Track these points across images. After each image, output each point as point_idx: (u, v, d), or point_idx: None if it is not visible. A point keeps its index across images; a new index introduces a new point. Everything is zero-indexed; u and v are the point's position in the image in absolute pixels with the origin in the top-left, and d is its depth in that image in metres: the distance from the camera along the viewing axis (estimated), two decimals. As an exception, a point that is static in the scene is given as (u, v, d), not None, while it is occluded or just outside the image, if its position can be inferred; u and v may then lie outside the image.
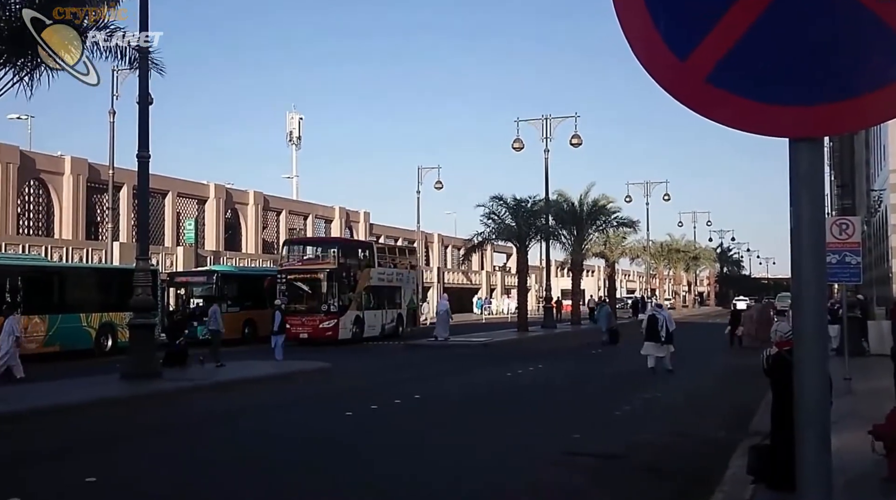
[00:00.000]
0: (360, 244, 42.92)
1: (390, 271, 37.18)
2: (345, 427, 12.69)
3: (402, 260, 39.60)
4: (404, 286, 38.05)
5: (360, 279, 33.78)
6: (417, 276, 41.03)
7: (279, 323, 22.90)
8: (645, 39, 2.29)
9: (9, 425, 12.50)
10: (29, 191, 38.02)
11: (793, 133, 2.24)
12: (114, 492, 8.53)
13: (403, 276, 38.37)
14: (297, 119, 68.83)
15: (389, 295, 36.41)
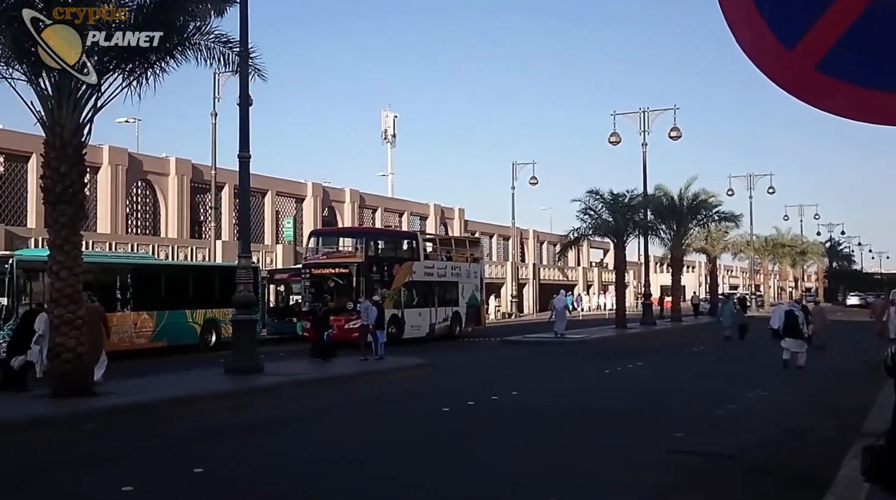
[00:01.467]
0: (400, 235, 39.47)
1: (442, 265, 33.73)
2: (443, 423, 12.71)
3: (460, 252, 36.09)
4: (463, 281, 34.37)
5: (397, 274, 30.54)
6: (481, 270, 37.29)
7: (377, 318, 23.12)
8: (749, 28, 2.18)
9: (117, 418, 13.01)
10: (137, 192, 39.55)
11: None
12: (220, 483, 8.75)
13: (462, 270, 34.63)
14: (391, 117, 69.53)
15: (442, 291, 32.86)
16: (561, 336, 31.91)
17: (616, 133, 41.14)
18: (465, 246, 37.50)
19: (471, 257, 36.07)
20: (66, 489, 8.55)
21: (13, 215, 33.12)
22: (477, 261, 36.66)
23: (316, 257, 30.25)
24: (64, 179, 14.65)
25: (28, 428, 11.77)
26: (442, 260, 33.97)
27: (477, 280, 35.57)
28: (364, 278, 28.44)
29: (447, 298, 33.10)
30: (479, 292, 35.73)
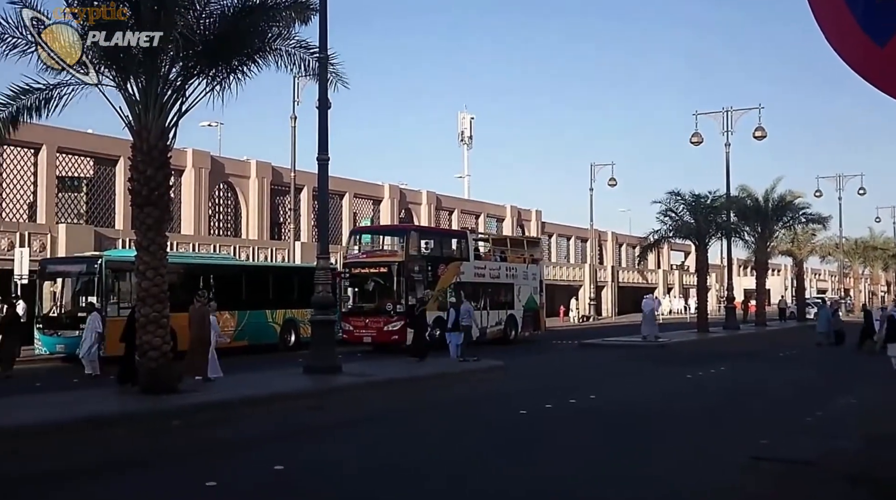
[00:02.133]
0: (446, 233, 37.39)
1: (495, 266, 32.12)
2: (520, 426, 12.61)
3: (516, 253, 34.27)
4: (519, 283, 32.79)
5: (443, 274, 28.98)
6: (540, 271, 35.34)
7: (453, 320, 23.16)
8: (840, 27, 2.07)
9: (201, 414, 13.29)
10: (219, 194, 40.46)
11: None
12: (300, 481, 8.82)
13: (518, 271, 33.03)
14: (468, 119, 69.64)
15: (495, 293, 31.17)
16: (652, 339, 31.32)
17: (698, 133, 40.41)
18: (523, 246, 35.74)
19: (529, 258, 34.49)
20: (154, 483, 8.74)
21: (102, 217, 34.26)
22: (536, 262, 35.11)
23: (356, 256, 29.15)
24: (150, 182, 15.05)
25: (118, 423, 12.11)
26: (495, 260, 32.62)
27: (536, 282, 34.10)
28: (405, 279, 27.02)
29: (501, 300, 31.54)
30: (538, 294, 34.13)
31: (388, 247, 30.44)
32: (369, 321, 26.79)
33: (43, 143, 30.95)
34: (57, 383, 17.52)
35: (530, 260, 34.35)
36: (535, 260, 34.86)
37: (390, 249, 29.99)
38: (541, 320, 34.54)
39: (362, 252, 29.43)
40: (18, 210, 31.68)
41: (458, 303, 25.03)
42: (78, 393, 15.33)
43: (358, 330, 27.06)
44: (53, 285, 24.38)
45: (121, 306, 22.82)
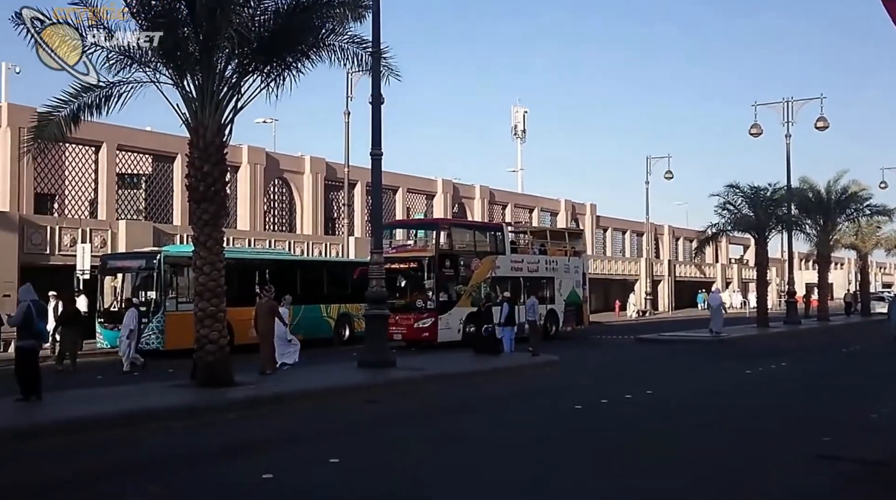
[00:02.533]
0: (480, 227, 35.62)
1: (534, 259, 31.02)
2: (575, 421, 12.46)
3: (557, 245, 33.19)
4: (560, 277, 31.68)
5: (477, 269, 28.06)
6: (583, 264, 34.19)
7: (507, 315, 23.10)
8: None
9: (257, 407, 13.42)
10: (274, 190, 40.87)
11: None
12: (355, 474, 8.82)
13: (559, 264, 31.93)
14: (521, 113, 69.19)
15: (533, 288, 29.63)
16: (716, 334, 30.81)
17: (757, 125, 39.56)
18: (564, 238, 34.54)
19: (571, 251, 33.43)
20: (212, 474, 8.83)
21: (160, 213, 34.87)
22: (578, 254, 33.94)
23: (386, 251, 27.55)
24: (207, 178, 15.23)
25: (176, 416, 12.29)
26: (534, 253, 31.60)
27: (578, 275, 32.95)
28: (435, 274, 26.30)
29: (540, 294, 29.75)
30: (580, 288, 32.99)
31: (418, 242, 29.69)
32: (399, 318, 25.61)
33: (103, 140, 31.61)
34: (117, 377, 17.84)
35: (572, 253, 33.35)
36: (577, 253, 33.84)
37: (421, 243, 29.26)
38: (584, 315, 33.40)
39: (392, 247, 28.53)
40: (80, 207, 32.41)
41: (513, 298, 24.98)
42: (137, 386, 15.62)
43: (388, 327, 26.39)
44: (114, 280, 24.90)
45: (179, 301, 23.17)
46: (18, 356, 13.29)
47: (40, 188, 31.04)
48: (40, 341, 13.54)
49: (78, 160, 32.33)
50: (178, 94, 15.49)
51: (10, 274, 25.57)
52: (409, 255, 27.66)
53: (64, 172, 32.15)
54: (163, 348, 22.93)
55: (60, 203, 32.04)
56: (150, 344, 23.19)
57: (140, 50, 15.42)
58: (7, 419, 11.69)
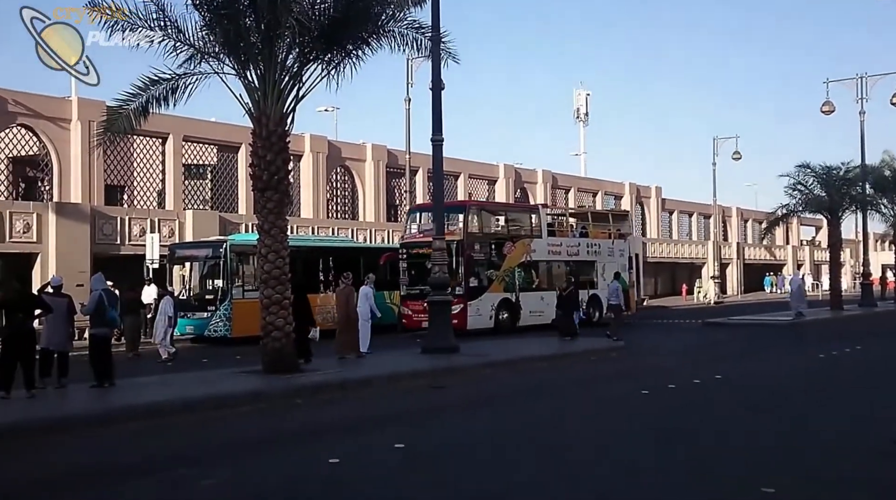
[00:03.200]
0: (513, 208, 34.13)
1: (574, 242, 29.71)
2: (642, 406, 12.28)
3: (600, 227, 31.65)
4: (603, 261, 30.27)
5: (510, 253, 26.96)
6: (630, 247, 32.57)
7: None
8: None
9: (323, 394, 13.55)
10: (336, 177, 41.18)
11: None
12: (421, 459, 8.83)
13: (602, 247, 30.53)
14: (584, 95, 68.45)
15: (573, 272, 28.12)
16: (797, 315, 30.48)
17: (829, 102, 38.45)
18: (608, 220, 32.74)
19: (615, 233, 31.83)
20: (280, 459, 8.91)
21: (226, 203, 35.44)
22: (624, 237, 32.29)
23: (413, 236, 27.18)
24: (270, 167, 15.38)
25: (244, 402, 12.47)
26: (574, 236, 30.42)
27: (624, 259, 31.40)
28: (464, 259, 25.28)
29: (581, 280, 28.34)
30: (626, 272, 31.08)
31: (448, 225, 28.83)
32: (427, 305, 25.65)
33: (170, 132, 32.21)
34: (186, 364, 18.20)
35: (617, 235, 31.86)
36: (622, 235, 32.32)
37: (449, 227, 27.53)
38: (630, 300, 31.40)
39: (420, 231, 27.14)
40: (149, 197, 33.13)
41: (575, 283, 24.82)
42: (206, 373, 15.88)
43: (416, 315, 25.16)
44: (182, 269, 25.40)
45: (245, 289, 23.49)
46: (92, 344, 13.65)
47: (110, 180, 31.81)
48: (112, 329, 13.85)
49: (146, 152, 33.02)
50: (241, 84, 15.68)
51: (83, 264, 26.28)
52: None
53: (132, 163, 32.88)
54: (230, 335, 23.32)
55: (130, 194, 32.81)
56: (217, 332, 23.64)
57: (204, 41, 15.67)
58: (82, 405, 12.03)
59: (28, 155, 29.89)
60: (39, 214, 26.74)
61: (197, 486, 7.69)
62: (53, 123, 29.33)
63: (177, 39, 15.58)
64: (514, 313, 26.61)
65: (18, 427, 10.27)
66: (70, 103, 29.82)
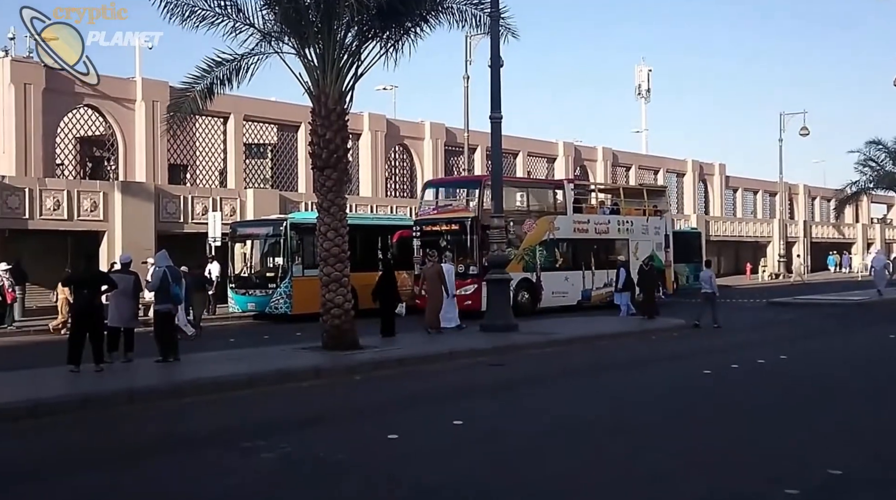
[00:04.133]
0: (534, 184, 32.28)
1: (602, 219, 28.21)
2: (704, 387, 12.10)
3: (633, 204, 30.16)
4: (636, 239, 28.64)
5: (531, 230, 25.55)
6: (666, 224, 30.71)
7: (624, 280, 22.95)
8: None
9: (382, 370, 13.67)
10: (394, 156, 41.27)
11: None
12: (479, 436, 8.81)
13: (634, 225, 28.90)
14: (645, 71, 67.21)
15: (602, 251, 27.52)
16: (881, 295, 30.03)
17: (901, 74, 37.11)
18: (642, 196, 30.96)
19: (651, 210, 30.10)
20: (340, 434, 9.02)
21: (286, 182, 35.81)
22: (660, 214, 30.50)
23: (426, 213, 26.15)
24: (329, 145, 15.46)
25: (305, 378, 12.65)
26: (602, 213, 28.90)
27: (660, 237, 29.76)
28: (477, 236, 23.76)
29: (611, 258, 27.42)
30: (662, 251, 29.65)
31: (462, 201, 26.95)
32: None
33: (231, 112, 32.60)
34: (248, 340, 18.50)
35: (652, 212, 30.10)
36: (658, 212, 30.48)
37: (464, 203, 26.45)
38: (667, 281, 29.61)
39: (433, 208, 26.34)
40: (211, 176, 33.63)
41: (626, 262, 24.63)
42: (267, 349, 16.12)
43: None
44: (243, 247, 25.78)
45: (305, 266, 23.72)
46: (156, 320, 13.95)
47: (174, 159, 32.38)
48: (176, 305, 14.12)
49: (208, 132, 33.50)
50: (301, 63, 15.77)
51: (148, 242, 26.84)
52: (449, 216, 25.31)
53: (195, 143, 33.40)
54: (290, 312, 23.62)
55: (192, 173, 33.37)
56: (278, 309, 23.96)
57: (264, 21, 15.80)
58: (149, 379, 12.32)
59: (95, 135, 30.59)
60: (106, 193, 27.36)
61: (259, 458, 7.81)
62: (119, 103, 29.93)
63: (237, 20, 15.75)
64: (534, 293, 25.41)
65: (88, 399, 10.56)
66: (135, 84, 30.39)
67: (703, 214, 55.46)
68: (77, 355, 12.42)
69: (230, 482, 7.12)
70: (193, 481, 7.21)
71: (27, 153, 27.59)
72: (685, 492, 6.70)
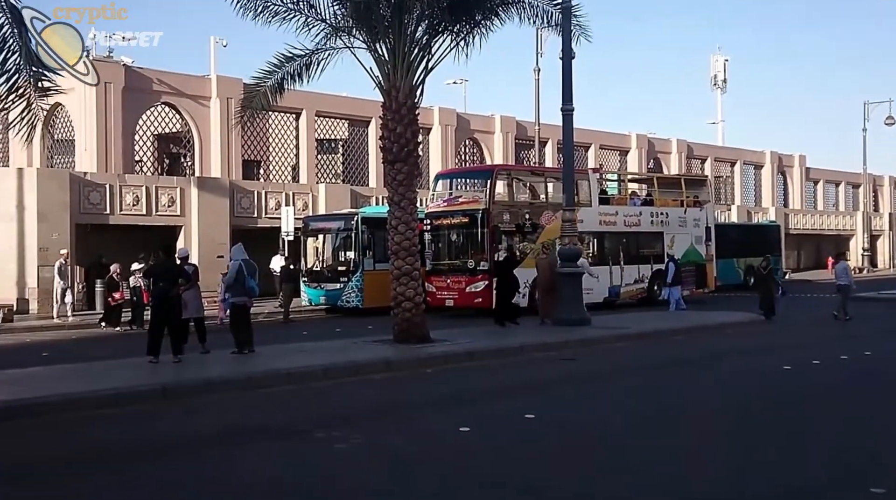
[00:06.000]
0: (552, 173, 27.65)
1: (633, 211, 26.34)
2: (785, 383, 11.77)
3: (669, 194, 28.31)
4: (673, 232, 26.76)
5: (549, 223, 23.60)
6: (706, 216, 28.70)
7: (673, 274, 22.75)
8: None
9: (452, 363, 13.65)
10: (465, 150, 41.22)
11: None
12: (552, 429, 8.76)
13: (670, 217, 26.95)
14: (721, 61, 65.66)
15: (633, 245, 25.94)
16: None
17: None
18: (680, 186, 29.08)
19: (690, 201, 28.20)
20: (411, 426, 9.03)
21: (357, 176, 36.09)
22: (700, 205, 28.55)
23: (437, 205, 24.64)
24: (400, 139, 15.50)
25: (377, 370, 12.74)
26: (632, 204, 26.95)
27: (700, 230, 27.90)
28: (488, 230, 22.40)
29: (643, 253, 25.91)
30: (703, 244, 27.93)
31: (474, 193, 25.88)
32: (451, 281, 22.84)
33: (303, 108, 32.98)
34: (320, 333, 18.71)
35: (691, 203, 28.19)
36: (698, 203, 28.52)
37: (476, 195, 25.44)
38: (708, 277, 28.12)
39: (444, 200, 24.97)
40: (283, 172, 34.12)
41: (674, 256, 24.18)
42: (339, 342, 16.27)
43: (440, 292, 22.96)
44: (315, 241, 26.08)
45: (376, 260, 23.86)
46: (232, 312, 14.19)
47: (247, 155, 32.93)
48: (251, 298, 14.35)
49: (280, 128, 33.98)
50: (372, 58, 15.83)
51: (223, 236, 27.39)
52: (458, 208, 23.81)
53: (268, 139, 33.92)
54: (362, 306, 23.81)
55: (265, 169, 33.89)
56: (349, 302, 24.17)
57: (335, 16, 15.92)
58: (225, 370, 12.55)
59: (171, 132, 31.31)
60: (182, 188, 27.99)
61: (332, 448, 7.87)
62: (194, 100, 30.59)
63: (308, 15, 15.91)
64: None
65: (167, 389, 10.81)
66: (209, 81, 31.01)
67: (781, 206, 54.08)
68: (156, 347, 12.70)
69: (305, 472, 7.18)
70: (268, 470, 7.29)
71: (107, 151, 28.40)
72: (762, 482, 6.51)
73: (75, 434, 8.81)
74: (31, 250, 24.39)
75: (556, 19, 17.99)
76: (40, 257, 24.09)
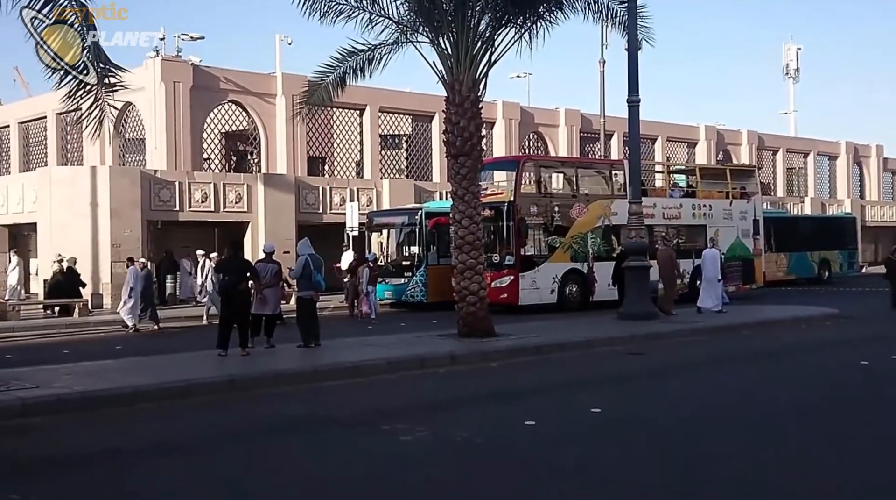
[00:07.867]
0: (583, 164, 27.51)
1: (673, 203, 25.04)
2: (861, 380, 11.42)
3: (714, 186, 26.87)
4: (716, 225, 25.24)
5: (581, 216, 22.87)
6: (754, 209, 27.13)
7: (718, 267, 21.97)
8: None
9: (518, 357, 13.57)
10: (528, 144, 40.96)
11: None
12: (617, 424, 8.64)
13: (714, 209, 25.63)
14: (794, 50, 63.94)
15: (675, 238, 24.41)
16: None
17: None
18: (725, 177, 27.35)
19: (736, 192, 26.77)
20: (478, 419, 8.96)
21: (420, 171, 36.19)
22: (748, 197, 27.07)
23: None
24: (463, 133, 15.45)
25: (442, 363, 12.74)
26: (672, 197, 25.65)
27: (747, 223, 26.47)
28: (514, 223, 21.62)
29: (683, 247, 24.36)
30: (750, 238, 26.50)
31: (499, 184, 25.03)
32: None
33: (366, 104, 33.21)
34: (385, 327, 18.78)
35: (737, 195, 26.77)
36: (745, 194, 27.04)
37: (502, 186, 24.59)
38: (756, 272, 26.75)
39: None
40: (348, 168, 34.40)
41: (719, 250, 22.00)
42: (404, 336, 16.30)
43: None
44: (380, 236, 26.20)
45: (440, 255, 23.84)
46: (299, 306, 14.33)
47: (312, 151, 33.28)
48: (318, 292, 14.45)
49: (344, 124, 34.26)
50: (435, 52, 15.81)
51: (289, 232, 27.73)
52: (483, 200, 22.99)
53: (332, 135, 34.23)
54: (426, 300, 23.84)
55: (330, 165, 34.22)
56: (414, 297, 24.21)
57: (398, 11, 15.97)
58: (291, 363, 12.68)
59: (238, 129, 31.83)
60: (249, 185, 28.41)
61: (399, 440, 7.88)
62: (260, 98, 31.05)
63: (372, 12, 15.98)
64: (585, 286, 22.93)
65: (235, 381, 10.97)
66: (275, 79, 31.44)
67: (857, 198, 52.54)
68: (225, 340, 12.89)
69: (371, 463, 7.21)
70: (334, 461, 7.34)
71: (177, 148, 29.02)
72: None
73: (154, 422, 9.07)
74: (105, 246, 25.04)
75: (622, 17, 17.79)
76: (113, 253, 24.72)
